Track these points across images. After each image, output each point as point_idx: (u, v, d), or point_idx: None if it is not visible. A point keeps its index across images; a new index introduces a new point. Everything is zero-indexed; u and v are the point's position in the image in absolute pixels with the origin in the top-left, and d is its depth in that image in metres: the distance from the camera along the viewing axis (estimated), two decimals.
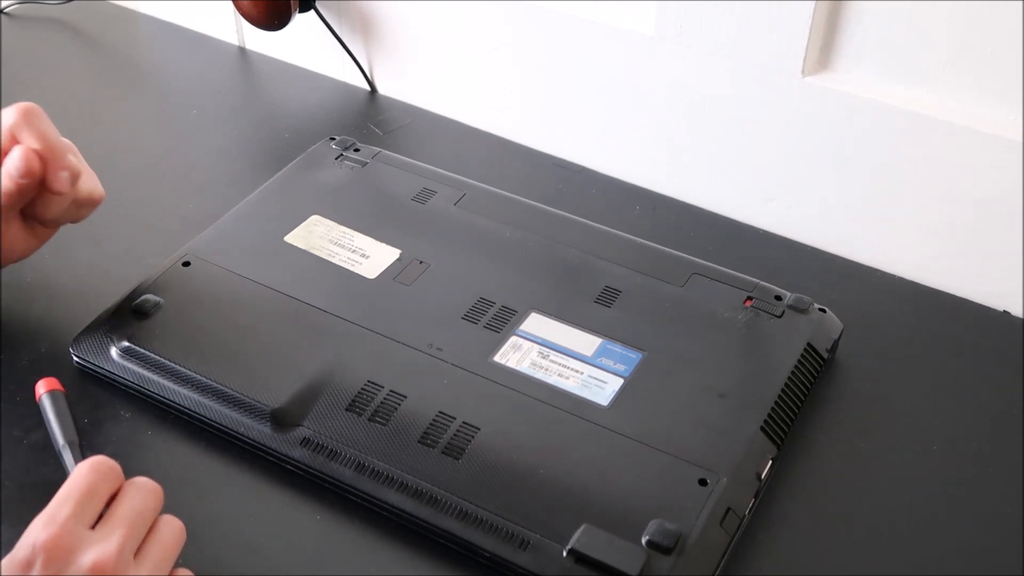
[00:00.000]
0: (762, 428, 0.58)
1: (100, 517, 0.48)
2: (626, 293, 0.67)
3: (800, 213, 0.76)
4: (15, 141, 0.60)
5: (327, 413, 0.58)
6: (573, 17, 0.79)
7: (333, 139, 0.80)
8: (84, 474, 0.48)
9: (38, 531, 0.46)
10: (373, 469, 0.56)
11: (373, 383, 0.60)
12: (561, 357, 0.62)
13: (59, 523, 0.47)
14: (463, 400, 0.59)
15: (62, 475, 0.58)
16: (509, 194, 0.75)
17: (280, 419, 0.58)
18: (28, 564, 0.46)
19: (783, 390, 0.61)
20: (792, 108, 0.72)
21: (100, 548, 0.47)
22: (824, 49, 0.70)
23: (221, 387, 0.59)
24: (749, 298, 0.66)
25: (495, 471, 0.55)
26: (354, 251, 0.69)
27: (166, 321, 0.63)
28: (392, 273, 0.67)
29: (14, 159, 0.59)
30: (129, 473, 0.59)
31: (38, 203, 0.62)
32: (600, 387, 0.60)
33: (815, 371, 0.64)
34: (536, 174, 0.84)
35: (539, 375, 0.61)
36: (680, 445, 0.57)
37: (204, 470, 0.59)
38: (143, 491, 0.50)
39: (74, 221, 0.66)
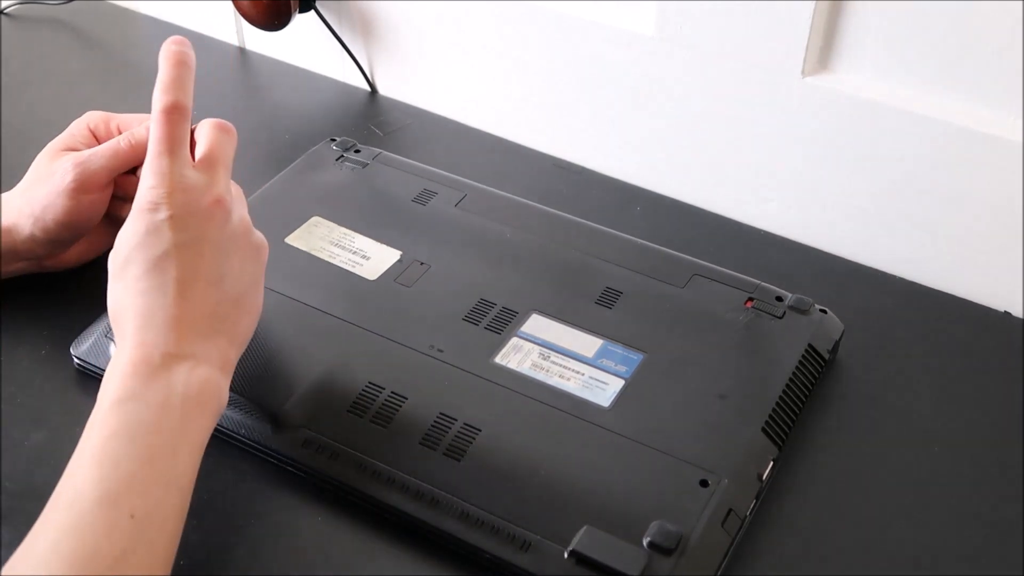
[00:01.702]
0: (763, 429, 0.58)
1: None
2: (627, 294, 0.67)
3: (800, 213, 0.77)
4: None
5: (328, 415, 0.58)
6: (573, 17, 0.79)
7: (334, 140, 0.80)
8: (165, 121, 0.54)
9: (153, 185, 0.53)
10: (374, 470, 0.56)
11: (374, 384, 0.60)
12: (562, 358, 0.62)
13: (167, 172, 0.53)
14: (464, 401, 0.59)
15: (59, 478, 0.58)
16: (510, 195, 0.75)
17: (281, 421, 0.58)
18: (153, 206, 0.52)
19: (784, 391, 0.61)
20: (792, 108, 0.72)
21: (212, 188, 0.54)
22: (824, 49, 0.70)
23: None
24: (750, 299, 0.66)
25: (496, 472, 0.55)
26: (355, 252, 0.69)
27: None
28: (393, 274, 0.67)
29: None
30: None
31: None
32: (601, 388, 0.60)
33: (816, 372, 0.64)
34: (536, 175, 0.84)
35: (540, 376, 0.61)
36: (681, 446, 0.57)
37: (204, 472, 0.59)
38: (226, 134, 0.57)
39: None
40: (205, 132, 0.57)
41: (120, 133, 0.67)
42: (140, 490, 0.47)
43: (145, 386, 0.50)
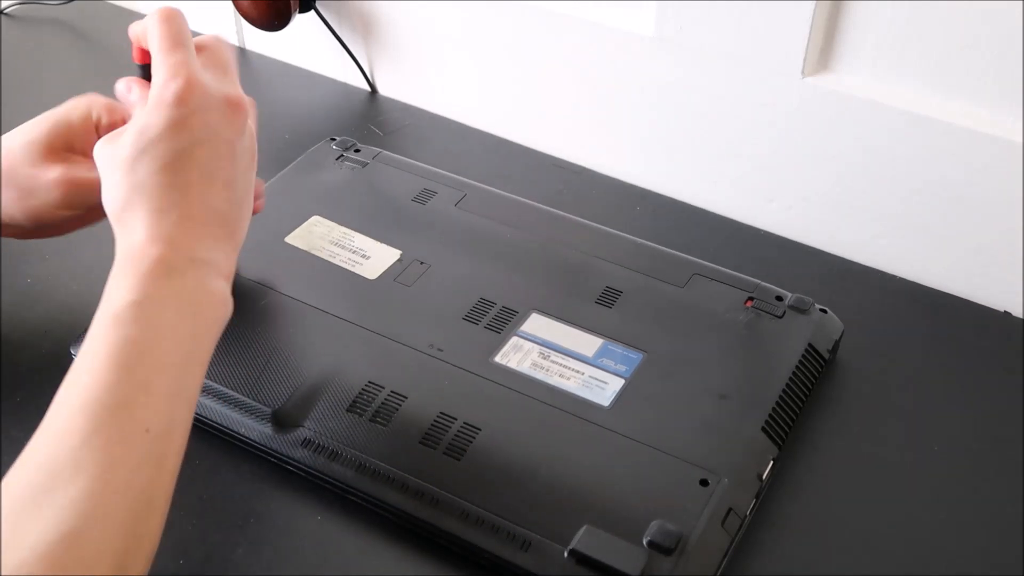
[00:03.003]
0: (763, 429, 0.58)
1: None
2: (627, 294, 0.67)
3: (800, 213, 0.77)
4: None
5: (328, 414, 0.58)
6: (573, 18, 0.79)
7: (333, 140, 0.80)
8: (170, 24, 0.53)
9: (169, 77, 0.51)
10: (374, 470, 0.56)
11: (374, 384, 0.60)
12: (562, 358, 0.62)
13: (184, 64, 0.52)
14: (464, 401, 0.59)
15: None
16: (509, 195, 0.75)
17: (281, 420, 0.58)
18: (176, 100, 0.51)
19: (784, 391, 0.61)
20: (792, 108, 0.72)
21: (228, 87, 0.53)
22: (824, 49, 0.70)
23: (221, 388, 0.59)
24: (750, 298, 0.66)
25: (496, 472, 0.55)
26: (355, 252, 0.69)
27: None
28: (393, 274, 0.67)
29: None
30: None
31: None
32: (601, 388, 0.60)
33: (816, 371, 0.64)
34: (536, 174, 0.84)
35: (540, 376, 0.61)
36: (681, 446, 0.57)
37: (205, 471, 0.59)
38: (225, 43, 0.56)
39: None
40: (203, 43, 0.56)
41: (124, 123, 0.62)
42: (154, 402, 0.46)
43: (163, 290, 0.48)
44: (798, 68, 0.70)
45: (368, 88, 0.93)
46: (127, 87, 0.58)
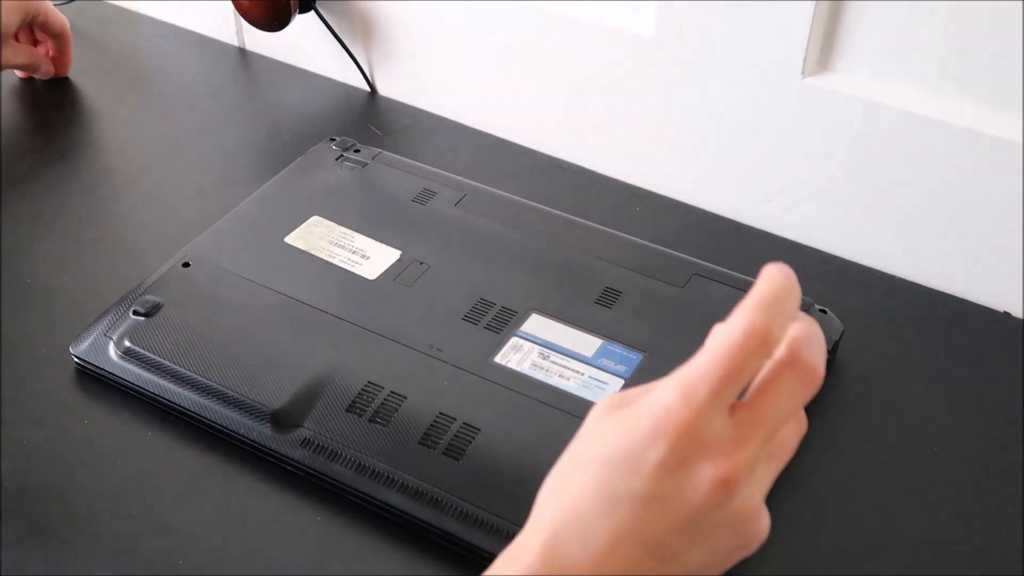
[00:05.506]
0: None
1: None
2: (626, 294, 0.66)
3: (800, 214, 0.76)
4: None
5: (327, 414, 0.58)
6: (573, 18, 0.79)
7: (333, 140, 0.80)
8: (738, 344, 0.40)
9: (673, 407, 0.41)
10: (373, 470, 0.56)
11: (373, 384, 0.60)
12: (561, 358, 0.62)
13: (695, 407, 0.40)
14: (464, 401, 0.59)
15: (59, 478, 0.58)
16: (509, 195, 0.75)
17: (280, 420, 0.58)
18: (651, 437, 0.40)
19: None
20: (792, 109, 0.72)
21: (730, 460, 0.40)
22: (824, 50, 0.70)
23: (221, 388, 0.59)
24: None
25: (496, 472, 0.55)
26: (354, 252, 0.69)
27: (166, 322, 0.63)
28: (392, 274, 0.67)
29: None
30: (129, 474, 0.59)
31: None
32: (601, 388, 0.60)
33: None
34: (536, 174, 0.84)
35: (539, 376, 0.61)
36: None
37: (204, 471, 0.59)
38: (802, 384, 0.42)
39: None
40: (780, 376, 0.42)
41: None
42: None
43: None
44: (798, 68, 0.70)
45: (368, 88, 0.93)
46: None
